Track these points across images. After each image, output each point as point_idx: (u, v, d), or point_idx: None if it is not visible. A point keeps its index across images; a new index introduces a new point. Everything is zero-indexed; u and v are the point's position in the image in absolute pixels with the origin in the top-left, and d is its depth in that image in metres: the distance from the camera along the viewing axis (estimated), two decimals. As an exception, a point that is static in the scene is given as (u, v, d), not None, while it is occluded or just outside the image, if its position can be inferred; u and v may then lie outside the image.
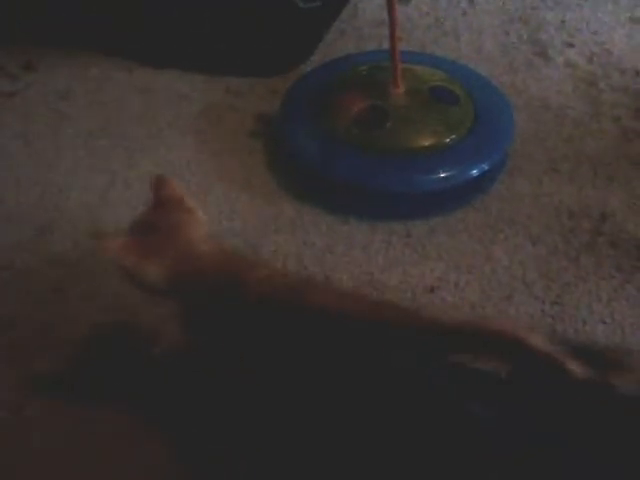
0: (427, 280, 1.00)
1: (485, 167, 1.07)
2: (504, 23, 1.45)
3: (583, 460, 0.56)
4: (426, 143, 1.08)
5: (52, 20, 1.42)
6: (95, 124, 1.27)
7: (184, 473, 0.75)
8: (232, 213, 1.11)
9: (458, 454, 0.57)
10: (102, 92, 1.33)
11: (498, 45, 1.40)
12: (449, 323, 0.63)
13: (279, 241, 1.06)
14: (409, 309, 0.70)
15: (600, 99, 1.27)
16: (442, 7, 1.50)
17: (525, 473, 0.56)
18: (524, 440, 0.57)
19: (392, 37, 1.10)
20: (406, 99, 1.13)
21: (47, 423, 0.83)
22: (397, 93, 1.13)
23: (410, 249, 1.04)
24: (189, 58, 1.36)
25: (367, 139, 1.10)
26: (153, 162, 1.19)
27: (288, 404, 0.65)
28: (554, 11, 1.47)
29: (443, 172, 1.06)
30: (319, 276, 1.00)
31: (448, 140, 1.09)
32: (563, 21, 1.45)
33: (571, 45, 1.39)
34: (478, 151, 1.09)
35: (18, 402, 0.85)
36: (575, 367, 0.57)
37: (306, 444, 0.63)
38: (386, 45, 1.27)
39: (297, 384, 0.64)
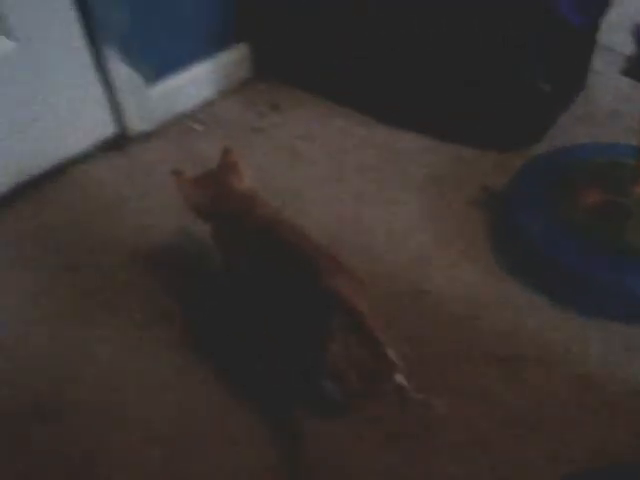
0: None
1: None
2: None
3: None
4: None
5: (302, 66, 1.57)
6: (327, 170, 1.37)
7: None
8: (449, 277, 1.13)
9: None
10: (339, 144, 1.43)
11: None
12: None
13: (487, 315, 1.07)
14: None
15: None
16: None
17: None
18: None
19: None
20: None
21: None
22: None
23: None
24: (426, 121, 1.42)
25: (603, 233, 1.08)
26: (376, 214, 1.26)
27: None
28: None
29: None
30: (530, 356, 1.00)
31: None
32: None
33: None
34: None
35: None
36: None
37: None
38: (621, 138, 1.26)
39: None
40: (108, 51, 1.33)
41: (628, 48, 1.13)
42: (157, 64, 1.45)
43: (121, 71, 1.37)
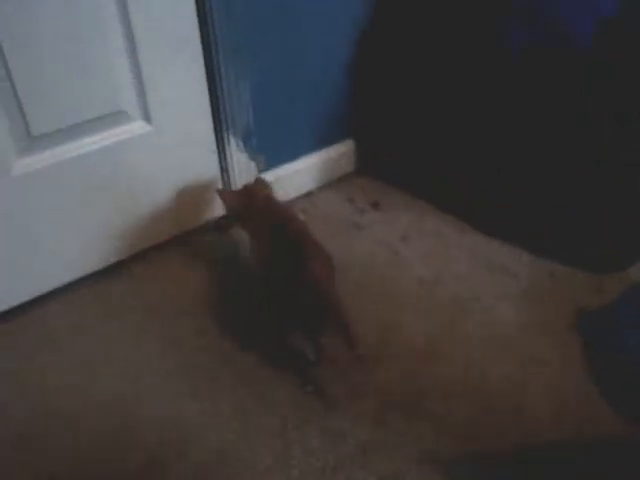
0: None
1: None
2: None
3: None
4: None
5: (404, 167, 1.64)
6: (427, 272, 1.40)
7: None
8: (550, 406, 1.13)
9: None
10: (436, 247, 1.48)
11: None
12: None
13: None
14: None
15: None
16: None
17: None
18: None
19: None
20: None
21: None
22: None
23: None
24: (521, 234, 1.45)
25: None
26: (472, 322, 1.28)
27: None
28: None
29: None
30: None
31: None
32: None
33: None
34: None
35: None
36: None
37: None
38: None
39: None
40: (231, 140, 1.43)
41: None
42: (270, 155, 1.54)
43: (240, 159, 1.46)
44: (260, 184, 1.35)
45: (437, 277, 1.39)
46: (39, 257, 1.29)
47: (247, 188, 1.33)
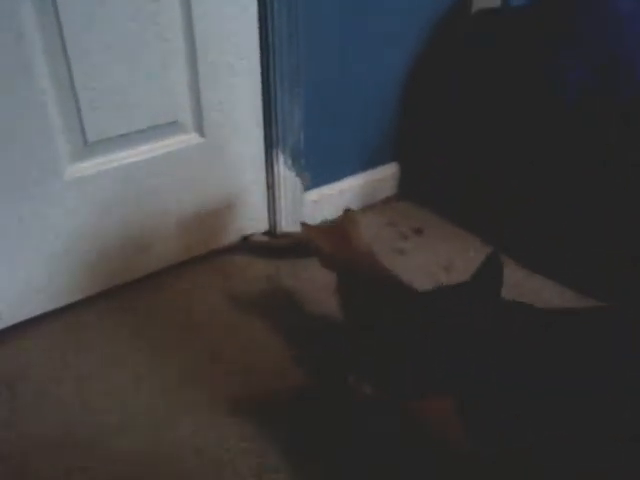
0: None
1: None
2: None
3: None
4: None
5: (448, 194, 1.62)
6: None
7: None
8: None
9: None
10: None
11: None
12: None
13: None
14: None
15: None
16: None
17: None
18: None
19: None
20: None
21: None
22: None
23: None
24: (566, 271, 1.42)
25: None
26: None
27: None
28: None
29: None
30: None
31: None
32: None
33: None
34: None
35: None
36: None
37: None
38: None
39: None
40: (280, 158, 1.42)
41: None
42: (315, 174, 1.54)
43: (286, 176, 1.46)
44: (351, 220, 1.16)
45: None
46: (83, 259, 1.28)
47: (339, 227, 1.15)
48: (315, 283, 1.38)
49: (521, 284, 1.44)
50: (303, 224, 1.15)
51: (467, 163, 1.59)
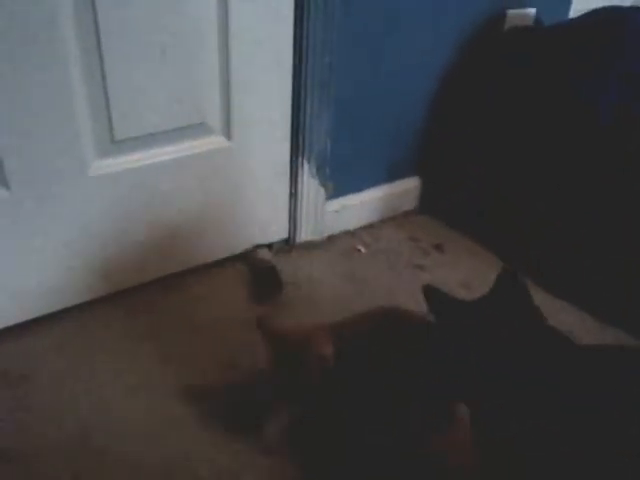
0: None
1: None
2: None
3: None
4: None
5: (469, 212, 1.60)
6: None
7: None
8: None
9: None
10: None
11: None
12: None
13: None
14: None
15: None
16: None
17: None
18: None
19: None
20: None
21: None
22: None
23: None
24: (586, 297, 1.40)
25: None
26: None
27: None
28: None
29: None
30: None
31: None
32: None
33: None
34: None
35: None
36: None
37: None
38: None
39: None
40: (305, 166, 1.41)
41: None
42: (339, 183, 1.52)
43: (310, 185, 1.44)
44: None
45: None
46: (100, 257, 1.27)
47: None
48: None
49: (541, 307, 1.42)
50: (259, 321, 1.00)
51: (492, 182, 1.57)
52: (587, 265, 1.40)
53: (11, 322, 1.21)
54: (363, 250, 1.54)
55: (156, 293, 1.34)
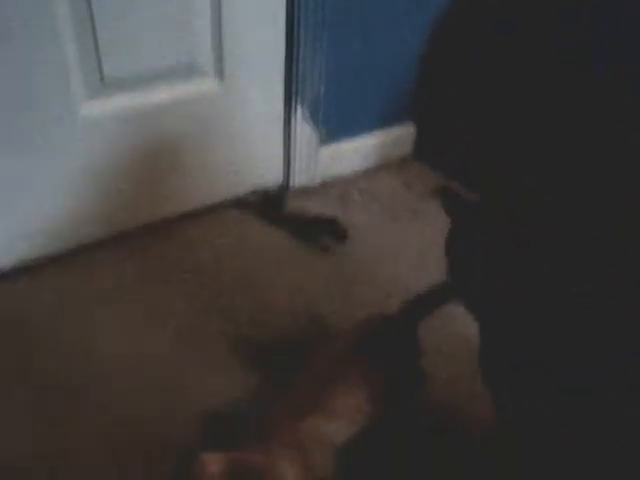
0: None
1: None
2: None
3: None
4: None
5: (461, 162, 1.59)
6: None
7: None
8: None
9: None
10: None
11: None
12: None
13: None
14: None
15: None
16: None
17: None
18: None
19: None
20: None
21: None
22: None
23: None
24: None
25: None
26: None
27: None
28: None
29: None
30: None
31: None
32: None
33: None
34: None
35: None
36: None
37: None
38: None
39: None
40: (299, 110, 1.39)
41: None
42: (332, 129, 1.51)
43: (304, 129, 1.43)
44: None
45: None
46: (96, 199, 1.26)
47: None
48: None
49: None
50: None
51: (484, 132, 1.55)
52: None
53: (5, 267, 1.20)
54: (357, 197, 1.53)
55: (150, 237, 1.33)
